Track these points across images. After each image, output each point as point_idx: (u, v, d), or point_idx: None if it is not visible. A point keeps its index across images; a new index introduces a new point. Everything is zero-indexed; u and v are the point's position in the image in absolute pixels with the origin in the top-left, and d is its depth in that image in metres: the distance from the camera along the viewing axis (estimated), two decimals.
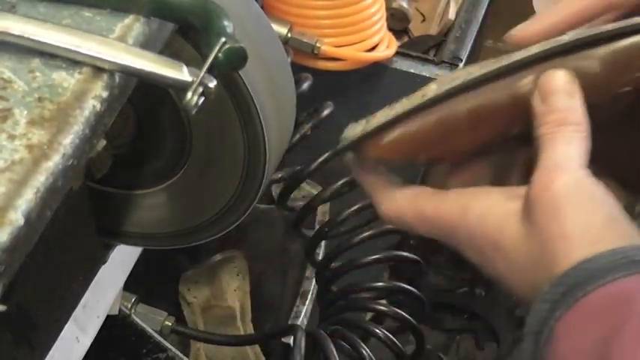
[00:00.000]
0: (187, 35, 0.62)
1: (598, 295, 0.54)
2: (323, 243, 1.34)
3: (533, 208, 0.57)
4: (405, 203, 0.62)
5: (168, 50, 0.61)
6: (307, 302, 1.35)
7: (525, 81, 0.59)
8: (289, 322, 1.31)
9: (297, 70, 1.03)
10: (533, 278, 0.58)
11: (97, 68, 0.52)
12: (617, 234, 0.56)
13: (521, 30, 0.62)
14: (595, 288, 0.54)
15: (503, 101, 0.59)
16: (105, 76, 0.52)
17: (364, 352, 1.12)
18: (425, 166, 0.66)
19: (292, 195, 1.19)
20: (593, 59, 0.58)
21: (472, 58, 1.51)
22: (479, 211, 0.59)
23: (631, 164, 0.65)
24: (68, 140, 0.49)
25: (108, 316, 0.94)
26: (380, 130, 0.60)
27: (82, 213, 0.66)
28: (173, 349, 1.13)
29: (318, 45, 1.21)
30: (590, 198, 0.57)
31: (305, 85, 1.07)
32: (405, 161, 0.62)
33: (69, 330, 0.76)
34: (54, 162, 0.47)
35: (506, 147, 0.63)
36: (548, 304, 0.55)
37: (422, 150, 0.62)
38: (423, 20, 1.73)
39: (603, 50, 0.58)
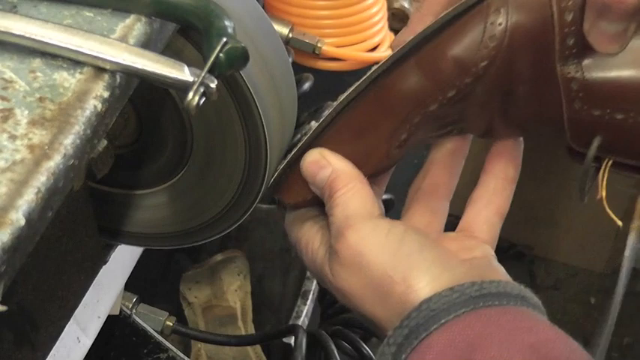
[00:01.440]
0: (188, 35, 0.62)
1: (442, 334, 0.55)
2: None
3: (335, 265, 0.63)
4: (288, 222, 0.71)
5: (170, 50, 0.61)
6: (308, 302, 1.35)
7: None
8: (290, 322, 1.31)
9: (299, 70, 1.04)
10: (367, 319, 0.63)
11: (99, 68, 0.52)
12: (447, 276, 0.58)
13: (396, 40, 0.66)
14: (438, 327, 0.55)
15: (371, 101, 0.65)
16: (106, 77, 0.52)
17: (365, 351, 1.12)
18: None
19: None
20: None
21: None
22: (314, 249, 0.67)
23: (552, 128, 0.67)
24: (69, 140, 0.49)
25: (109, 316, 0.94)
26: (277, 182, 0.69)
27: (83, 213, 0.67)
28: (174, 349, 1.13)
29: (319, 45, 1.21)
30: (386, 242, 0.61)
31: (306, 85, 1.07)
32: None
33: (70, 330, 0.76)
34: (55, 162, 0.47)
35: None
36: (394, 347, 0.57)
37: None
38: None
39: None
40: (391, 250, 0.60)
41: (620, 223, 0.63)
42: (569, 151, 0.66)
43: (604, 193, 0.64)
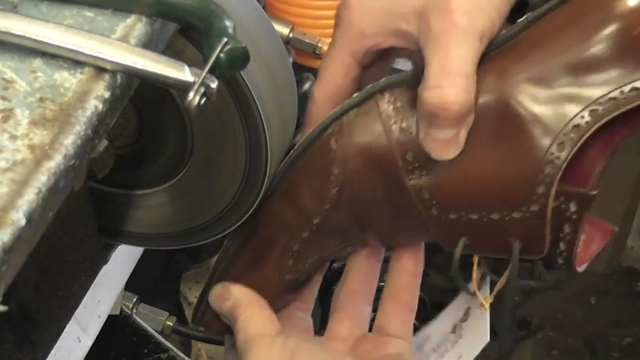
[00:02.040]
0: (189, 35, 0.62)
1: None
2: None
3: None
4: None
5: (170, 50, 0.61)
6: None
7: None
8: None
9: (299, 70, 1.03)
10: None
11: (99, 68, 0.52)
12: None
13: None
14: None
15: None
16: (107, 77, 0.52)
17: None
18: None
19: None
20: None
21: None
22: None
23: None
24: (70, 140, 0.49)
25: (109, 316, 0.94)
26: (198, 317, 0.76)
27: (83, 213, 0.67)
28: (174, 349, 1.13)
29: (319, 45, 1.21)
30: (289, 355, 0.67)
31: (307, 86, 1.07)
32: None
33: (70, 330, 0.76)
34: (56, 162, 0.47)
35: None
36: None
37: None
38: None
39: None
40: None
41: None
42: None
43: (477, 287, 0.70)
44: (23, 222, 0.45)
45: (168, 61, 0.53)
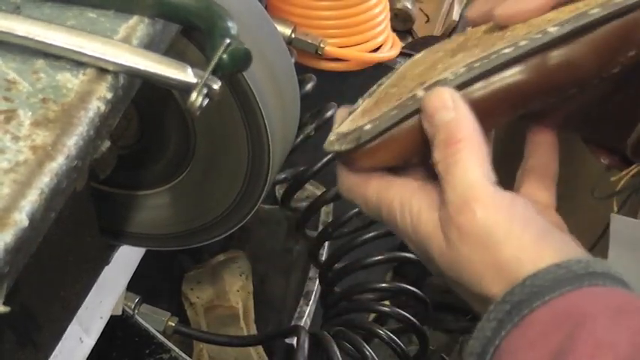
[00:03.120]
0: (191, 36, 0.62)
1: (545, 311, 0.52)
2: (326, 244, 1.34)
3: (454, 237, 0.57)
4: (354, 183, 0.62)
5: (173, 51, 0.61)
6: (310, 303, 1.35)
7: (513, 71, 0.58)
8: (292, 323, 1.32)
9: (301, 70, 1.03)
10: (473, 294, 0.57)
11: (102, 69, 0.52)
12: (554, 249, 0.55)
13: (507, 8, 0.61)
14: (542, 304, 0.52)
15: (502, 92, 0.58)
16: (109, 77, 0.52)
17: (367, 352, 1.12)
18: None
19: (296, 195, 1.19)
20: (583, 46, 0.58)
21: None
22: (414, 212, 0.59)
23: (616, 126, 0.64)
24: (72, 141, 0.49)
25: (111, 317, 0.94)
26: (372, 141, 0.60)
27: (85, 214, 0.67)
28: (176, 350, 1.13)
29: (321, 45, 1.21)
30: (512, 218, 0.56)
31: (309, 86, 1.07)
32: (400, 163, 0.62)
33: (72, 331, 0.76)
34: (58, 163, 0.47)
35: None
36: (494, 323, 0.54)
37: (414, 154, 0.61)
38: (427, 21, 1.73)
39: (591, 37, 0.58)
40: (519, 230, 0.56)
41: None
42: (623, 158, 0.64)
43: None
44: (26, 223, 0.45)
45: (170, 62, 0.53)
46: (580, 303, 0.52)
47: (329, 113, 1.08)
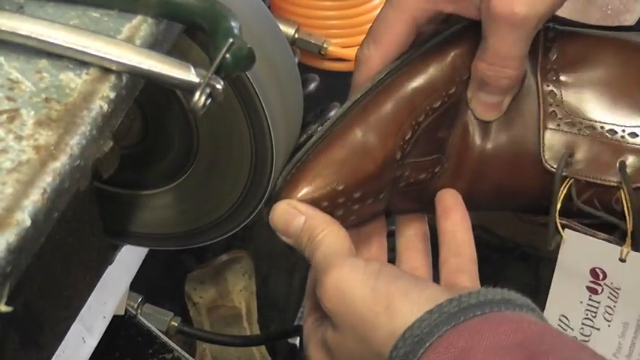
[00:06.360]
0: (195, 36, 0.62)
1: (429, 357, 0.55)
2: None
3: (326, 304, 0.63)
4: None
5: (176, 51, 0.61)
6: None
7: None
8: (296, 323, 1.31)
9: (304, 70, 1.03)
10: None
11: (105, 69, 0.52)
12: (426, 297, 0.59)
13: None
14: (424, 351, 0.55)
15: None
16: (112, 77, 0.52)
17: None
18: None
19: None
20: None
21: None
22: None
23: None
24: (75, 141, 0.49)
25: (114, 317, 0.94)
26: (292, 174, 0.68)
27: (88, 213, 0.67)
28: (179, 350, 1.13)
29: (325, 46, 1.21)
30: (377, 276, 0.61)
31: (312, 86, 1.07)
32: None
33: (75, 330, 0.77)
34: (61, 163, 0.47)
35: None
36: None
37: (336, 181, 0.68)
38: None
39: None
40: (370, 284, 0.61)
41: None
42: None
43: None
44: (28, 222, 0.45)
45: (173, 61, 0.53)
46: (457, 340, 0.55)
47: (332, 113, 1.08)
